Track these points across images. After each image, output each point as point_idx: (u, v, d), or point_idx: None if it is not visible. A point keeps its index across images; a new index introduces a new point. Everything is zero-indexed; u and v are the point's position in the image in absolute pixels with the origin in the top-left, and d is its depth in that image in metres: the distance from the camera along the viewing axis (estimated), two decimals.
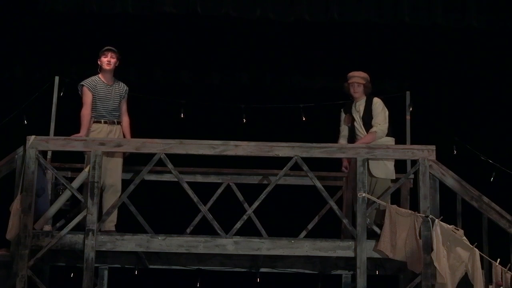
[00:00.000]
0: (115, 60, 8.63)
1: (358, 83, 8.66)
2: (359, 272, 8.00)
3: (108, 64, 8.59)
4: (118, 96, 8.66)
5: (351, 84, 8.68)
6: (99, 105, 8.53)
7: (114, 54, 8.62)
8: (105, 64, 8.60)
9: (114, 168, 8.45)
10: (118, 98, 8.65)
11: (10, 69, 11.45)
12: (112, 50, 8.62)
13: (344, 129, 8.75)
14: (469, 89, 11.44)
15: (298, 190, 9.66)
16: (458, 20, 10.09)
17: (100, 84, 8.58)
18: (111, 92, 8.61)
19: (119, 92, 8.69)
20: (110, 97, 8.59)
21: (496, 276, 7.90)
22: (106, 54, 8.60)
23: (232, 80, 11.73)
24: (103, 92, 8.57)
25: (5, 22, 10.95)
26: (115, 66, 8.65)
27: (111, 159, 8.41)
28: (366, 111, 8.61)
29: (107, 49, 8.61)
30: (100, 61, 8.64)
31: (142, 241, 8.11)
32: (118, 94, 8.67)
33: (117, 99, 8.64)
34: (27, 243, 7.99)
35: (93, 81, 8.59)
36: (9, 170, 8.27)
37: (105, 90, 8.58)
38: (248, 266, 9.06)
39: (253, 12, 10.05)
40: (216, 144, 8.28)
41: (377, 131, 8.51)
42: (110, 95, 8.59)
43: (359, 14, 10.06)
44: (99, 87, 8.56)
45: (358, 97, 8.69)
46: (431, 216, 8.04)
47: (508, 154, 10.51)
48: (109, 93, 8.59)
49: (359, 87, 8.66)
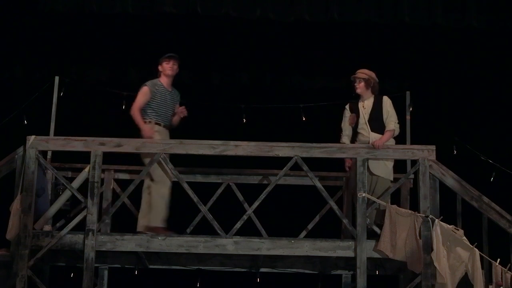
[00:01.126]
0: (176, 67, 8.73)
1: (358, 79, 8.67)
2: (359, 272, 8.00)
3: (171, 70, 8.67)
4: (175, 102, 8.75)
5: (353, 79, 8.71)
6: (160, 108, 8.59)
7: (177, 61, 8.71)
8: (168, 70, 8.69)
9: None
10: (174, 104, 8.73)
11: (10, 69, 11.45)
12: (175, 57, 8.71)
13: (347, 129, 8.73)
14: (469, 89, 11.43)
15: (298, 190, 9.66)
16: (458, 20, 10.09)
17: (162, 89, 8.66)
18: (170, 98, 8.69)
19: (176, 98, 8.78)
20: (169, 103, 8.66)
21: (496, 276, 7.90)
22: (168, 61, 8.68)
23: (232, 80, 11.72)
24: (164, 96, 8.64)
25: (5, 22, 10.95)
26: (176, 73, 8.74)
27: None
28: (375, 109, 8.61)
29: (171, 56, 8.70)
30: (161, 67, 8.73)
31: (142, 241, 8.11)
32: (175, 100, 8.77)
33: (174, 105, 8.72)
34: (27, 243, 7.99)
35: (156, 84, 8.66)
36: (9, 170, 8.28)
37: (166, 95, 8.66)
38: (248, 266, 9.06)
39: (253, 12, 10.05)
40: (216, 144, 8.28)
41: (394, 129, 8.54)
42: (169, 100, 8.67)
43: (359, 14, 10.06)
44: (160, 91, 8.63)
45: (361, 93, 8.69)
46: (431, 216, 8.05)
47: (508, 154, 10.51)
48: (169, 99, 8.67)
49: (360, 82, 8.68)
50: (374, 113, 8.61)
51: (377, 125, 8.56)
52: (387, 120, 8.56)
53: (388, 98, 8.71)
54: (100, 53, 11.32)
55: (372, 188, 8.41)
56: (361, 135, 8.61)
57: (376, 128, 8.55)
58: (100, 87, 10.58)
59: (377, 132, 8.51)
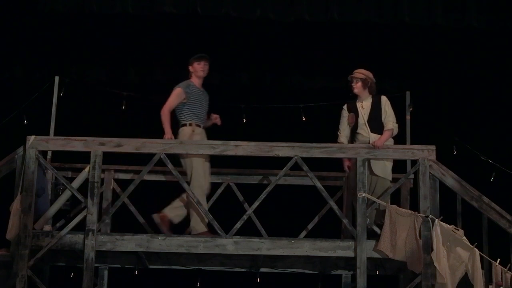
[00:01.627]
0: (208, 67, 8.73)
1: (356, 79, 8.67)
2: (359, 272, 8.00)
3: (203, 71, 8.68)
4: (207, 103, 8.74)
5: (350, 79, 8.70)
6: (197, 110, 8.59)
7: (207, 62, 8.71)
8: (199, 71, 8.68)
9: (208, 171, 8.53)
10: (207, 103, 8.72)
11: (10, 69, 11.45)
12: (206, 57, 8.71)
13: (345, 129, 8.72)
14: (469, 89, 11.43)
15: (298, 190, 9.66)
16: (458, 20, 10.09)
17: (195, 89, 8.66)
18: (204, 98, 8.70)
19: (208, 98, 8.78)
20: (204, 103, 8.67)
21: (496, 276, 7.90)
22: (199, 62, 8.67)
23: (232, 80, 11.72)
24: (199, 97, 8.65)
25: (5, 22, 10.95)
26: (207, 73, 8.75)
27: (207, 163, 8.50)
28: (374, 109, 8.60)
29: (202, 56, 8.70)
30: (192, 67, 8.72)
31: (142, 241, 8.11)
32: (207, 100, 8.76)
33: (207, 105, 8.71)
34: (27, 243, 7.99)
35: (189, 85, 8.66)
36: (9, 170, 8.28)
37: (200, 95, 8.67)
38: (248, 266, 9.06)
39: (253, 12, 10.05)
40: (216, 144, 8.28)
41: (393, 128, 8.53)
42: (203, 101, 8.68)
43: (359, 14, 10.06)
44: (195, 92, 8.63)
45: (358, 93, 8.69)
46: (431, 216, 8.05)
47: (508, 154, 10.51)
48: (203, 100, 8.68)
49: (357, 82, 8.67)
50: (373, 113, 8.61)
51: (376, 125, 8.56)
52: (385, 120, 8.56)
53: (386, 97, 8.70)
54: (100, 53, 11.31)
55: (372, 188, 8.41)
56: (360, 135, 8.60)
57: (375, 128, 8.54)
58: (100, 87, 10.58)
59: (377, 132, 8.51)
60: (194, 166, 8.38)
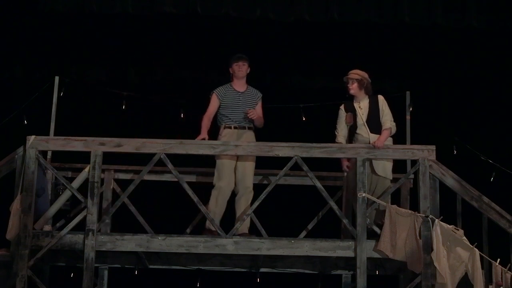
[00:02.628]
0: (246, 67, 8.73)
1: (352, 80, 8.66)
2: (359, 272, 8.00)
3: (241, 71, 8.68)
4: (250, 102, 8.69)
5: (347, 80, 8.69)
6: (229, 111, 8.61)
7: (246, 61, 8.72)
8: (238, 72, 8.70)
9: (249, 173, 8.50)
10: (249, 104, 8.67)
11: (10, 69, 11.44)
12: (244, 57, 8.73)
13: (343, 129, 8.71)
14: (469, 89, 11.43)
15: (298, 190, 9.65)
16: (458, 20, 10.09)
17: (230, 92, 8.67)
18: (242, 99, 8.66)
19: (251, 98, 8.73)
20: (240, 104, 8.63)
21: (496, 276, 7.90)
22: (237, 62, 8.69)
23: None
24: (233, 99, 8.64)
25: (5, 22, 10.95)
26: (246, 73, 8.74)
27: (245, 162, 8.48)
28: (372, 110, 8.59)
29: (239, 57, 8.73)
30: (231, 69, 8.75)
31: (142, 241, 8.11)
32: (250, 100, 8.71)
33: (249, 106, 8.65)
34: (27, 243, 8.00)
35: (224, 88, 8.70)
36: (9, 170, 8.28)
37: (235, 97, 8.65)
38: (248, 266, 9.05)
39: (253, 12, 10.05)
40: (216, 144, 8.29)
41: (391, 127, 8.52)
42: (240, 102, 8.64)
43: (359, 14, 10.06)
44: (229, 95, 8.65)
45: (354, 94, 8.68)
46: (431, 216, 8.05)
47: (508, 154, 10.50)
48: (240, 100, 8.65)
49: (353, 83, 8.66)
50: (371, 113, 8.61)
51: (375, 125, 8.56)
52: (383, 119, 8.56)
53: (382, 97, 8.70)
54: (100, 53, 11.31)
55: (373, 188, 8.41)
56: (359, 135, 8.59)
57: (374, 128, 8.54)
58: (100, 87, 10.57)
59: (376, 132, 8.51)
60: (217, 167, 8.47)
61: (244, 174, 8.48)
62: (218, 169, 8.46)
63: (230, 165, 8.46)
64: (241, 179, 8.49)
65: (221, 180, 8.43)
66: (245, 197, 8.46)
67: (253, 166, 8.55)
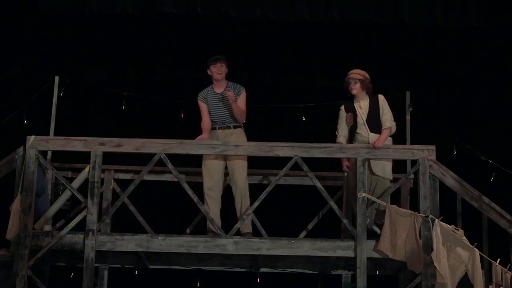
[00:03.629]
0: (224, 68, 8.70)
1: (354, 80, 8.66)
2: (359, 272, 8.00)
3: (219, 74, 8.67)
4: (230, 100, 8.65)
5: (348, 81, 8.69)
6: (212, 113, 8.61)
7: (223, 62, 8.69)
8: (216, 74, 8.68)
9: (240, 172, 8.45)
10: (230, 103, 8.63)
11: (10, 69, 11.44)
12: (221, 58, 8.70)
13: (344, 129, 8.71)
14: (469, 89, 11.43)
15: (298, 190, 9.65)
16: (458, 20, 10.09)
17: (211, 94, 8.68)
18: (222, 99, 8.63)
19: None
20: (221, 104, 8.61)
21: (496, 276, 7.90)
22: (215, 64, 8.67)
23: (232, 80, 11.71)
24: (213, 101, 8.63)
25: (5, 22, 10.95)
26: (225, 73, 8.72)
27: (234, 161, 8.44)
28: (372, 109, 8.59)
29: (216, 58, 8.69)
30: (209, 71, 8.71)
31: (142, 241, 8.11)
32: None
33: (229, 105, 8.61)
34: (27, 243, 8.00)
35: (205, 92, 8.71)
36: (9, 170, 8.28)
37: (215, 98, 8.65)
38: (248, 266, 9.05)
39: (253, 12, 10.05)
40: (216, 144, 8.29)
41: (391, 127, 8.52)
42: (220, 102, 8.62)
43: (359, 14, 10.06)
44: (210, 97, 8.66)
45: (356, 94, 8.67)
46: (431, 216, 8.05)
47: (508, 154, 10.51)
48: (220, 101, 8.63)
49: (356, 83, 8.64)
50: (371, 113, 8.60)
51: (375, 125, 8.55)
52: (383, 118, 8.56)
53: (383, 96, 8.69)
54: (100, 53, 11.31)
55: (373, 188, 8.41)
56: (359, 135, 8.58)
57: (374, 128, 8.53)
58: (100, 87, 10.58)
59: (376, 132, 8.50)
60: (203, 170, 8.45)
61: (234, 174, 8.46)
62: (203, 171, 8.44)
63: (216, 166, 8.44)
64: (232, 180, 8.48)
65: (207, 183, 8.42)
66: (239, 197, 8.44)
67: (243, 165, 8.48)
